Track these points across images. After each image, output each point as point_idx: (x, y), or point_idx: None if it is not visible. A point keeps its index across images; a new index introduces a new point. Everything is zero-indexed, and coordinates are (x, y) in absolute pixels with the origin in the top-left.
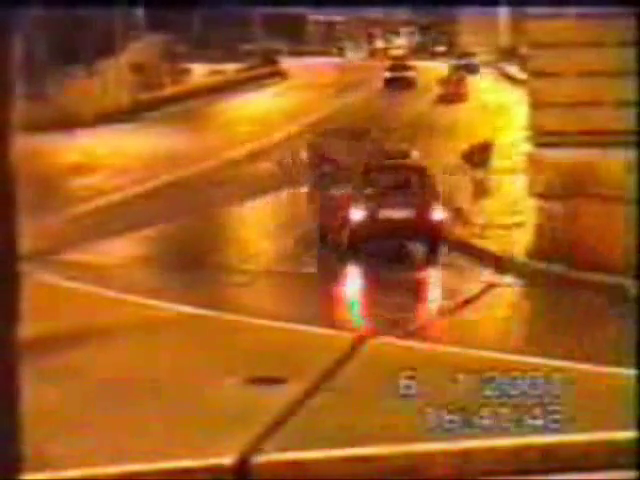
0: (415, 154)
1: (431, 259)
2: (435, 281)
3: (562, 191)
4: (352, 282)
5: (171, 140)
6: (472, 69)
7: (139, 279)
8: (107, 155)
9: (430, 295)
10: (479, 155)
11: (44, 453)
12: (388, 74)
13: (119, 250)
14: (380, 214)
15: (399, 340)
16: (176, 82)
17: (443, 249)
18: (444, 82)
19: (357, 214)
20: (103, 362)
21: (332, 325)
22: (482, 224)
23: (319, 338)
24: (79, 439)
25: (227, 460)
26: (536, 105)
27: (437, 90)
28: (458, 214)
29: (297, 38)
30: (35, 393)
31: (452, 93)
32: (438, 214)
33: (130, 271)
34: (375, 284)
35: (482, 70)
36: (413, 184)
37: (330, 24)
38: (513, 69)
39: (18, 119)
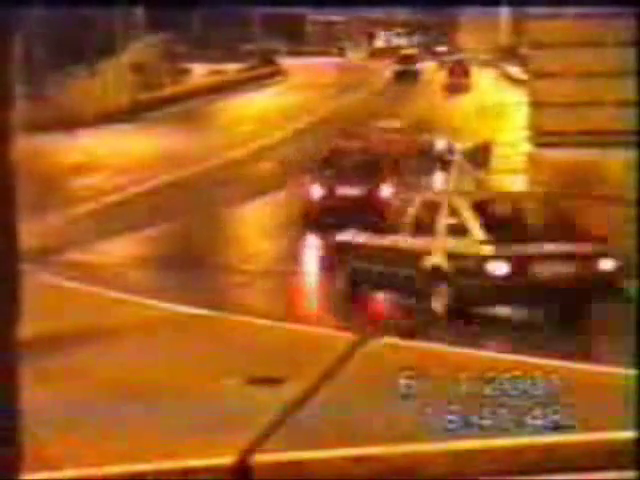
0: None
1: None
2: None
3: (562, 191)
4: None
5: (171, 140)
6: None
7: (139, 279)
8: (107, 155)
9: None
10: (480, 155)
11: (44, 453)
12: (397, 67)
13: (119, 250)
14: (337, 191)
15: (399, 340)
16: (176, 82)
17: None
18: (449, 73)
19: (317, 191)
20: (103, 362)
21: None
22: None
23: (319, 338)
24: (79, 439)
25: (227, 460)
26: (536, 105)
27: (442, 80)
28: None
29: (297, 38)
30: (36, 393)
31: (456, 83)
32: (386, 192)
33: (130, 271)
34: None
35: (480, 69)
36: (366, 166)
37: (330, 24)
38: (513, 69)
39: (18, 119)
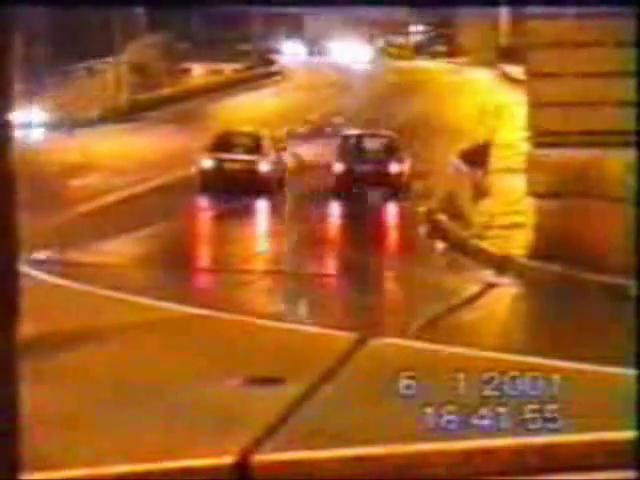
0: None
1: (390, 201)
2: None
3: (562, 191)
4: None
5: (171, 140)
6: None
7: (139, 279)
8: (107, 155)
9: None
10: (479, 155)
11: (44, 453)
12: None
13: (119, 250)
14: (356, 168)
15: (400, 340)
16: (176, 82)
17: (402, 195)
18: None
19: (339, 167)
20: (103, 362)
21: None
22: (482, 224)
23: (319, 338)
24: (79, 439)
25: (227, 460)
26: (536, 105)
27: None
28: (458, 214)
29: (296, 38)
30: (35, 393)
31: None
32: (394, 168)
33: (130, 271)
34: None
35: (479, 69)
36: (378, 147)
37: (330, 24)
38: (513, 69)
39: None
